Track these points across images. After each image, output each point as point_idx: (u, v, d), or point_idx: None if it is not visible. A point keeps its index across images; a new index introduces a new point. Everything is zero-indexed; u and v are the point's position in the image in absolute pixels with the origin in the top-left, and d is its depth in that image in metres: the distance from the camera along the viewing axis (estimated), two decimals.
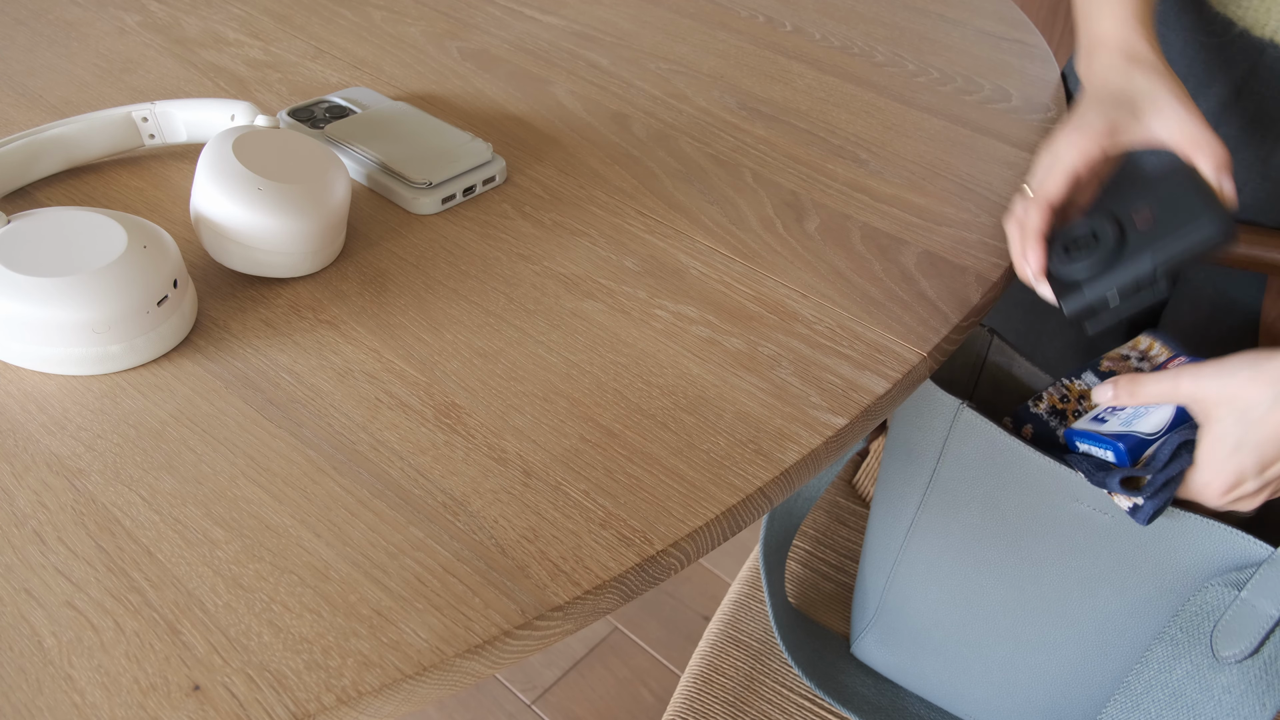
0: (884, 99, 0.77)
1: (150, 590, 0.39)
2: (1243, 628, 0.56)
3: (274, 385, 0.49)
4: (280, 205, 0.51)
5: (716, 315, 0.55)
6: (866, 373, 0.52)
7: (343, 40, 0.80)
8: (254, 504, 0.43)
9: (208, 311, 0.53)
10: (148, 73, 0.73)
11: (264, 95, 0.72)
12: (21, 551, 0.41)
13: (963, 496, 0.65)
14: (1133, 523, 0.58)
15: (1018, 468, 0.61)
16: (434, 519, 0.43)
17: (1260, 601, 0.55)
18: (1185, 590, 0.59)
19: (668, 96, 0.75)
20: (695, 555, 0.44)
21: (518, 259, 0.58)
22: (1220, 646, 0.57)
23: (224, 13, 0.83)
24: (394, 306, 0.54)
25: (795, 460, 0.47)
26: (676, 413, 0.49)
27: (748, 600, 0.82)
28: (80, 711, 0.36)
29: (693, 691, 0.76)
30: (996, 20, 0.90)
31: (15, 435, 0.46)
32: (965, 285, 0.58)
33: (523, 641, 0.40)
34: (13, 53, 0.74)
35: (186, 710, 0.36)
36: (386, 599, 0.40)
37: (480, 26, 0.83)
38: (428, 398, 0.49)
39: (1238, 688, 0.57)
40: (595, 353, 0.52)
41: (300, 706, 0.36)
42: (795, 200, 0.65)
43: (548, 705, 1.30)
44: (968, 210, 0.65)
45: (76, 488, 0.43)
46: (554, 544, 0.42)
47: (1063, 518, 0.61)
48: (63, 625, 0.38)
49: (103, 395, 0.48)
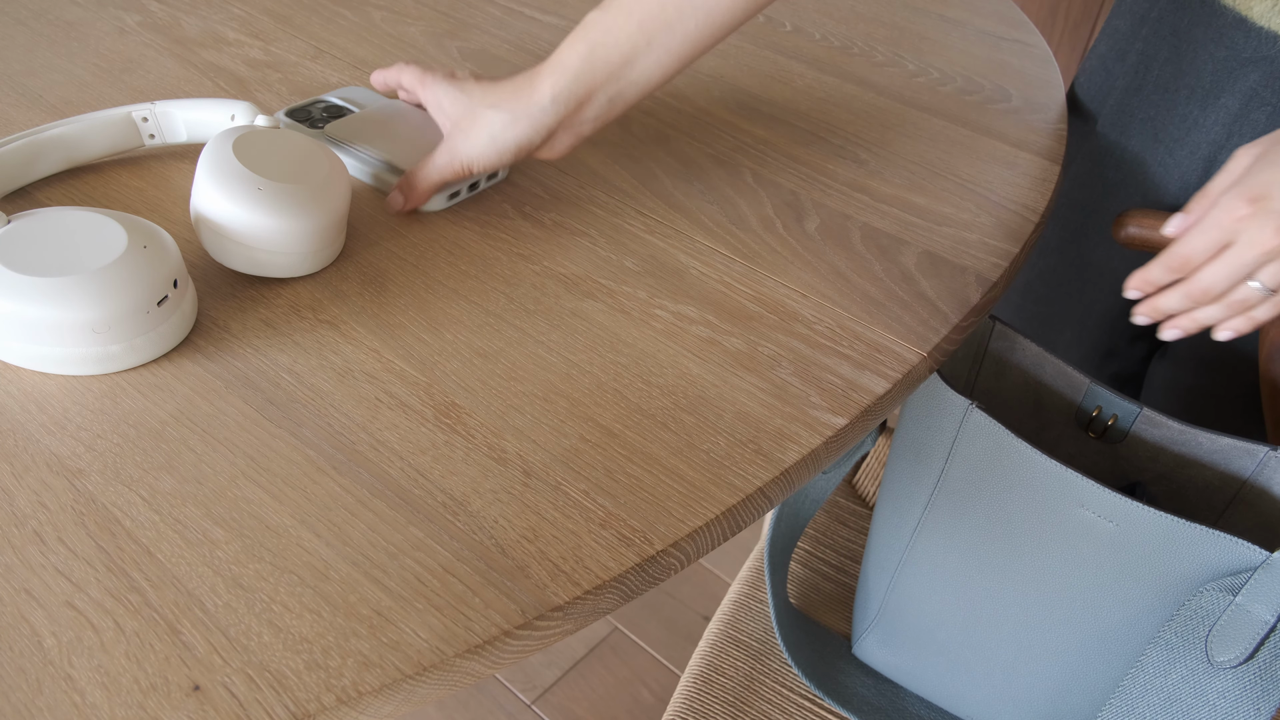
0: (884, 99, 0.77)
1: (150, 590, 0.39)
2: (1238, 633, 0.56)
3: (274, 385, 0.49)
4: (280, 205, 0.51)
5: (716, 315, 0.55)
6: (866, 373, 0.52)
7: (343, 40, 0.80)
8: (254, 504, 0.43)
9: (208, 311, 0.53)
10: (148, 73, 0.73)
11: (264, 95, 0.72)
12: (21, 551, 0.41)
13: (970, 497, 0.65)
14: (1136, 530, 0.58)
15: (1025, 470, 0.61)
16: (434, 519, 0.43)
17: (1255, 607, 0.55)
18: (1182, 595, 0.59)
19: (668, 96, 0.75)
20: (695, 555, 0.44)
21: (518, 259, 0.58)
22: (1215, 651, 0.57)
23: (224, 13, 0.83)
24: (394, 306, 0.54)
25: (795, 460, 0.47)
26: (676, 413, 0.49)
27: (748, 600, 0.82)
28: (80, 711, 0.36)
29: (693, 691, 0.76)
30: (996, 20, 0.90)
31: (15, 435, 0.46)
32: (965, 285, 0.58)
33: (523, 641, 0.40)
34: (13, 53, 0.74)
35: (186, 710, 0.36)
36: (386, 599, 0.40)
37: (480, 26, 0.83)
38: (428, 398, 0.49)
39: (1232, 693, 0.57)
40: (595, 353, 0.52)
41: (300, 706, 0.36)
42: (795, 200, 0.65)
43: (548, 705, 1.30)
44: (968, 210, 0.65)
45: (76, 488, 0.43)
46: (554, 544, 0.42)
47: (1067, 523, 0.61)
48: (63, 625, 0.38)
49: (103, 395, 0.48)
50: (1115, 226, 0.68)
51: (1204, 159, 0.75)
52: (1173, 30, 0.75)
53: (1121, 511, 0.58)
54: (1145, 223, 0.65)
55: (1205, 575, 0.58)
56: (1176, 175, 0.77)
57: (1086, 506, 0.60)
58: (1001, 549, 0.65)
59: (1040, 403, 0.71)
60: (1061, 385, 0.69)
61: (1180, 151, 0.76)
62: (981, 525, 0.65)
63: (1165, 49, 0.75)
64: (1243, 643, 0.56)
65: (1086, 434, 0.69)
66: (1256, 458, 0.63)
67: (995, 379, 0.71)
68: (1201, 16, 0.72)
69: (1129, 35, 0.79)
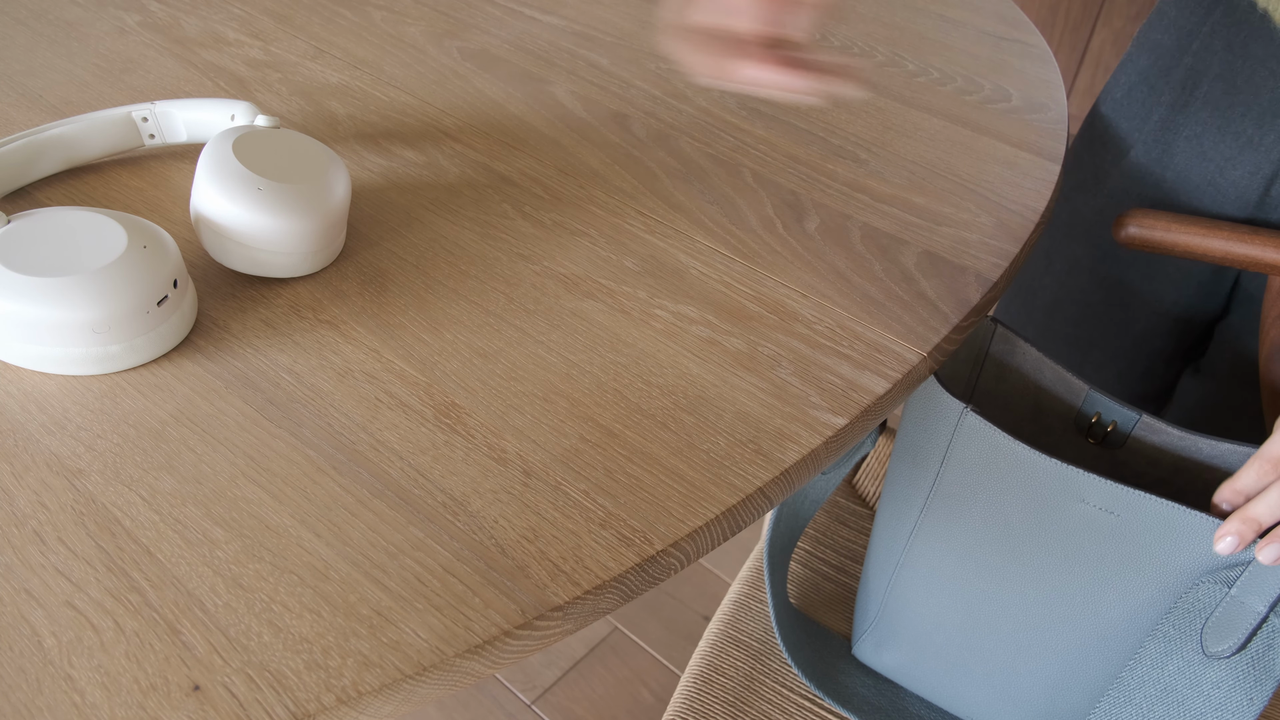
0: (884, 99, 0.77)
1: (150, 590, 0.39)
2: (1231, 624, 0.57)
3: (274, 385, 0.49)
4: (280, 205, 0.51)
5: (716, 315, 0.55)
6: (866, 373, 0.52)
7: (343, 40, 0.80)
8: (254, 504, 0.43)
9: (208, 311, 0.53)
10: (148, 73, 0.73)
11: (264, 95, 0.72)
12: (21, 551, 0.41)
13: (966, 501, 0.65)
14: (1137, 519, 0.59)
15: (1021, 471, 0.61)
16: (434, 519, 0.43)
17: (1249, 598, 0.57)
18: (1181, 588, 0.59)
19: (668, 96, 0.75)
20: (695, 555, 0.44)
21: (518, 259, 0.58)
22: (1210, 643, 0.58)
23: (224, 13, 0.83)
24: (394, 306, 0.54)
25: (795, 460, 0.47)
26: (676, 413, 0.49)
27: (748, 600, 0.82)
28: (80, 711, 0.36)
29: (693, 691, 0.76)
30: (996, 20, 0.90)
31: (15, 435, 0.46)
32: (965, 285, 0.58)
33: (523, 641, 0.40)
34: (13, 53, 0.74)
35: (186, 710, 0.36)
36: (386, 599, 0.40)
37: (480, 26, 0.83)
38: (428, 398, 0.49)
39: (1226, 683, 0.58)
40: (595, 353, 0.52)
41: (300, 706, 0.36)
42: (795, 200, 0.65)
43: (548, 705, 1.30)
44: (968, 210, 0.65)
45: (76, 488, 0.43)
46: (554, 544, 0.42)
47: (1067, 519, 0.61)
48: (63, 625, 0.38)
49: (103, 395, 0.48)
50: (1115, 226, 0.68)
51: (1265, 178, 0.74)
52: (1226, 45, 0.73)
53: (1122, 501, 0.58)
54: (1146, 223, 0.65)
55: (1203, 566, 0.58)
56: (1233, 195, 0.75)
57: (1087, 500, 0.60)
58: (1000, 550, 0.65)
59: (1039, 407, 0.71)
60: (1060, 390, 0.69)
61: (1235, 171, 0.75)
62: (979, 527, 0.65)
63: (1217, 64, 0.74)
64: (1236, 633, 0.57)
65: (1085, 439, 0.69)
66: None
67: (996, 381, 0.71)
68: (1260, 32, 0.71)
69: (1175, 50, 0.77)
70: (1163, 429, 0.65)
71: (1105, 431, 0.68)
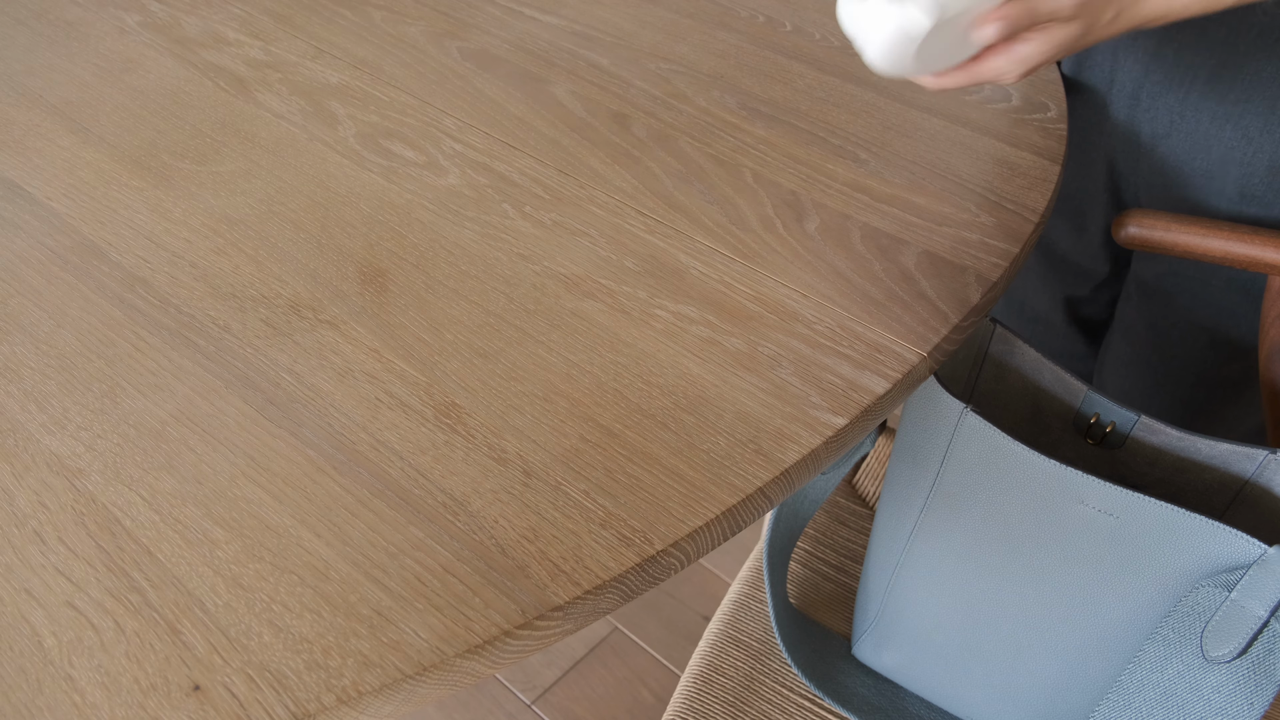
0: (884, 99, 0.77)
1: (150, 590, 0.39)
2: (1232, 628, 0.57)
3: (274, 385, 0.49)
4: None
5: (716, 315, 0.55)
6: (866, 373, 0.52)
7: (343, 40, 0.80)
8: (254, 504, 0.43)
9: (208, 311, 0.53)
10: (148, 73, 0.73)
11: (264, 95, 0.72)
12: (21, 551, 0.41)
13: (965, 501, 0.65)
14: (1136, 521, 0.59)
15: (1021, 472, 0.61)
16: (434, 519, 0.43)
17: (1249, 602, 0.56)
18: (1180, 590, 0.59)
19: (668, 96, 0.75)
20: (695, 555, 0.44)
21: (518, 259, 0.58)
22: (1210, 647, 0.58)
23: (224, 13, 0.83)
24: (394, 306, 0.54)
25: (795, 460, 0.47)
26: (676, 413, 0.49)
27: (748, 600, 0.82)
28: (80, 711, 0.36)
29: (693, 691, 0.76)
30: None
31: (15, 435, 0.46)
32: (965, 285, 0.58)
33: (523, 641, 0.40)
34: (13, 53, 0.74)
35: (186, 710, 0.36)
36: (386, 599, 0.40)
37: (480, 26, 0.83)
38: (428, 398, 0.49)
39: (1226, 687, 0.57)
40: (595, 353, 0.52)
41: (300, 706, 0.36)
42: (795, 200, 0.65)
43: (548, 705, 1.30)
44: (968, 210, 0.65)
45: (76, 488, 0.43)
46: (554, 544, 0.42)
47: (1066, 520, 0.61)
48: (63, 625, 0.38)
49: (103, 395, 0.48)
50: (1115, 226, 0.68)
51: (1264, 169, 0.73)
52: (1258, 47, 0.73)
53: (1121, 504, 0.58)
54: (1145, 223, 0.65)
55: (1203, 569, 0.58)
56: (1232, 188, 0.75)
57: (1086, 502, 0.60)
58: (999, 551, 0.65)
59: (1039, 408, 0.71)
60: (1059, 391, 0.69)
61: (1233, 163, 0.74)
62: (978, 528, 0.65)
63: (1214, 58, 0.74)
64: (1237, 638, 0.57)
65: (1084, 439, 0.69)
66: (1256, 461, 0.63)
67: (995, 382, 0.71)
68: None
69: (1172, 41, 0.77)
70: (1161, 429, 0.65)
71: (1104, 432, 0.68)
